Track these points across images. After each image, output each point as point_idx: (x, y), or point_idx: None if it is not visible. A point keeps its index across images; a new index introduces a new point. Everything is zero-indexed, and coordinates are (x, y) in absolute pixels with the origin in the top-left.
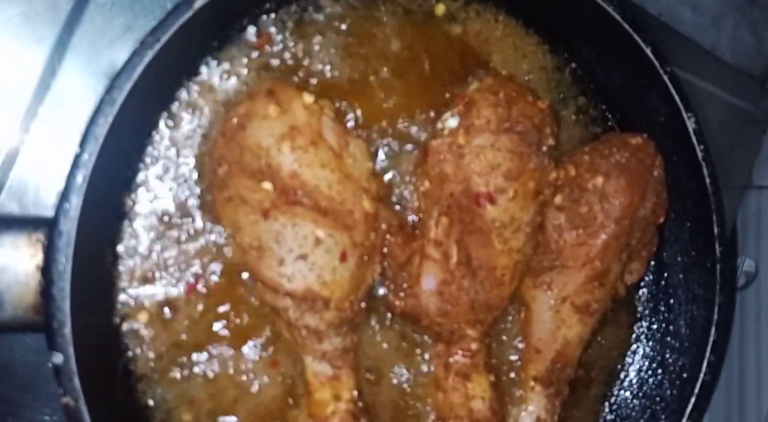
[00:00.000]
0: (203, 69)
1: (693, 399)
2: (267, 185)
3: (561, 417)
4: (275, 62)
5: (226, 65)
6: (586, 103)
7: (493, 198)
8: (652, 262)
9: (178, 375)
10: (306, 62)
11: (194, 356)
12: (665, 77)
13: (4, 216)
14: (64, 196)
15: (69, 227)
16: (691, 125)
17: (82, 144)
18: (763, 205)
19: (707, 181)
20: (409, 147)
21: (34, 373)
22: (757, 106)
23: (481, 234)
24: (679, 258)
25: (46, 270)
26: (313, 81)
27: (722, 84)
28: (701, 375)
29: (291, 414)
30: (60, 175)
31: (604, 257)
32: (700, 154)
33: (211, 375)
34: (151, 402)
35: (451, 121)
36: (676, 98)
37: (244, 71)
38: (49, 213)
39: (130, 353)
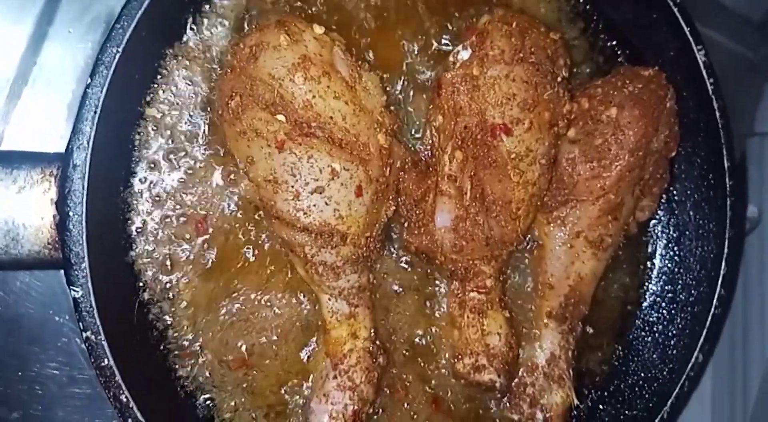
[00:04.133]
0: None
1: (704, 333)
2: (280, 117)
3: (574, 353)
4: None
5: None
6: (597, 38)
7: (509, 129)
8: (663, 200)
9: (193, 310)
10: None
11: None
12: (675, 9)
13: (16, 152)
14: (77, 127)
15: (82, 158)
16: (701, 58)
17: (93, 74)
18: (766, 151)
19: (717, 114)
20: (420, 81)
21: (41, 327)
22: (757, 52)
23: (496, 167)
24: (690, 195)
25: (61, 203)
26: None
27: (723, 29)
28: (712, 309)
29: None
30: (53, 140)
31: (618, 189)
32: (710, 87)
33: (228, 315)
34: (168, 335)
35: (464, 53)
36: (686, 31)
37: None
38: None
39: (146, 289)
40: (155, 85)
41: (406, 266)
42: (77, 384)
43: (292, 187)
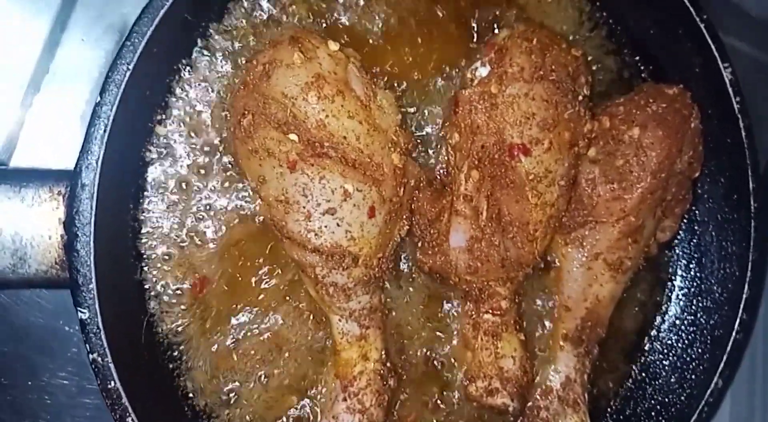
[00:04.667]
0: (226, 14)
1: (725, 357)
2: (293, 136)
3: (590, 377)
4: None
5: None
6: (619, 53)
7: (528, 149)
8: (685, 220)
9: (205, 331)
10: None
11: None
12: (701, 25)
13: (24, 169)
14: (86, 146)
15: (91, 178)
16: (727, 75)
17: (102, 92)
18: None
19: (743, 133)
20: (436, 99)
21: (51, 336)
22: None
23: (514, 188)
24: (713, 215)
25: (69, 223)
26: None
27: (747, 38)
28: (733, 334)
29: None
30: (64, 151)
31: (639, 212)
32: (736, 106)
33: (239, 333)
34: (177, 357)
35: (482, 70)
36: (713, 47)
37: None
38: None
39: (155, 308)
40: (167, 103)
41: (418, 286)
42: (86, 394)
43: (304, 207)
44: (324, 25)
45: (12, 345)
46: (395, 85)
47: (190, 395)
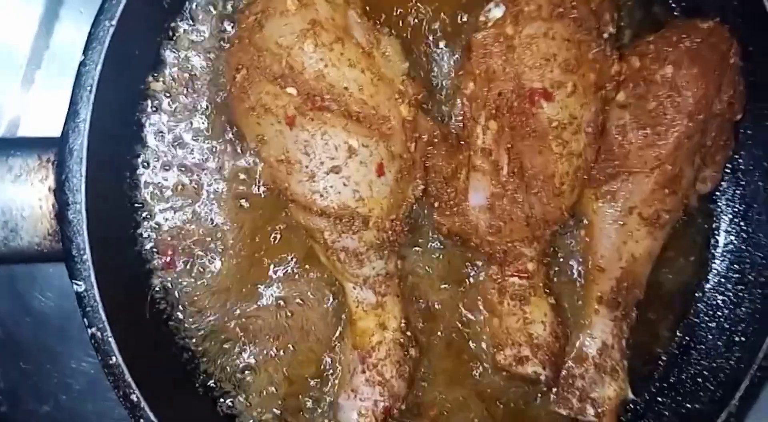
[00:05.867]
0: None
1: None
2: (291, 89)
3: (629, 342)
4: None
5: None
6: None
7: (549, 94)
8: (728, 168)
9: (208, 302)
10: None
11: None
12: None
13: (10, 138)
14: (72, 109)
15: (79, 143)
16: None
17: (86, 49)
18: None
19: None
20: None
21: (69, 321)
22: None
23: (536, 138)
24: (759, 163)
25: (59, 190)
26: None
27: None
28: None
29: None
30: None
31: (676, 159)
32: None
33: (251, 306)
34: (184, 328)
35: (496, 11)
36: None
37: None
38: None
39: (158, 280)
40: (158, 62)
41: (438, 249)
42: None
43: (306, 166)
44: None
45: (30, 331)
46: (402, 32)
47: (200, 371)
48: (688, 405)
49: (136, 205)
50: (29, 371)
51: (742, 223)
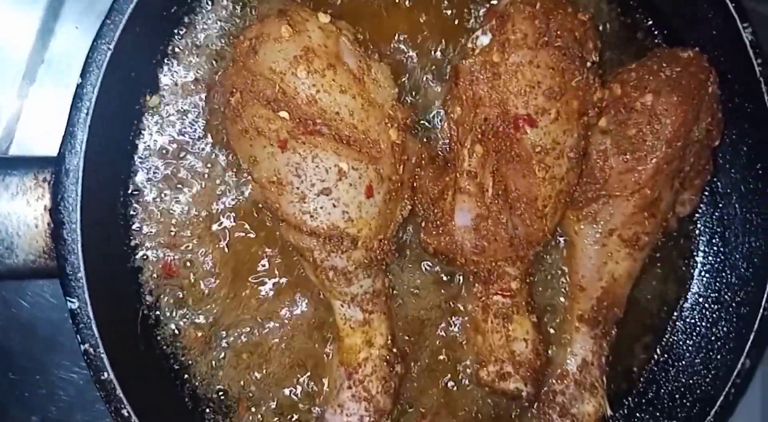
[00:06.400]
0: None
1: (752, 336)
2: (283, 113)
3: (608, 359)
4: None
5: None
6: (630, 16)
7: (534, 120)
8: (706, 192)
9: (201, 320)
10: None
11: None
12: None
13: (8, 157)
14: (68, 131)
15: (75, 163)
16: (747, 36)
17: (84, 73)
18: None
19: (766, 97)
20: (435, 71)
21: (58, 331)
22: None
23: (520, 162)
24: (735, 186)
25: (55, 210)
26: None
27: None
28: (761, 310)
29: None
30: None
31: (655, 184)
32: (758, 69)
33: (239, 320)
34: (173, 344)
35: (483, 39)
36: (730, 6)
37: None
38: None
39: (150, 297)
40: (153, 83)
41: (423, 267)
42: (95, 388)
43: (297, 188)
44: None
45: (19, 341)
46: (390, 57)
47: (189, 386)
48: (665, 421)
49: (130, 222)
50: (17, 381)
51: (719, 244)
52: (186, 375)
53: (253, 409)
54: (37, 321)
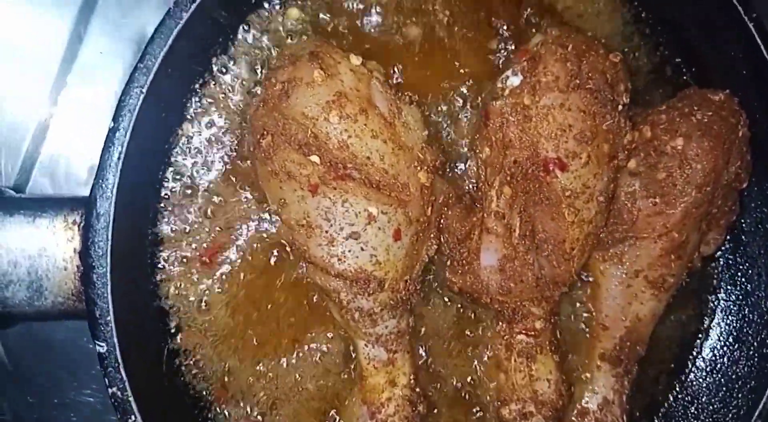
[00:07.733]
0: (240, 31)
1: None
2: (314, 158)
3: (629, 397)
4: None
5: (264, 25)
6: (661, 56)
7: (564, 164)
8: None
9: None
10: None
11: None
12: (750, 24)
13: (38, 196)
14: (100, 174)
15: (106, 207)
16: None
17: (116, 117)
18: None
19: None
20: (466, 112)
21: (76, 355)
22: None
23: (549, 204)
24: (760, 226)
25: (85, 254)
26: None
27: None
28: None
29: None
30: (91, 147)
31: (683, 228)
32: None
33: (261, 358)
34: (199, 388)
35: (514, 79)
36: (762, 48)
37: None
38: (83, 190)
39: (176, 338)
40: (184, 125)
41: (448, 306)
42: (112, 411)
43: (326, 232)
44: (346, 36)
45: (36, 364)
46: (420, 99)
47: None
48: None
49: (157, 264)
50: (34, 404)
51: (742, 282)
52: (208, 412)
53: None
54: (55, 344)
